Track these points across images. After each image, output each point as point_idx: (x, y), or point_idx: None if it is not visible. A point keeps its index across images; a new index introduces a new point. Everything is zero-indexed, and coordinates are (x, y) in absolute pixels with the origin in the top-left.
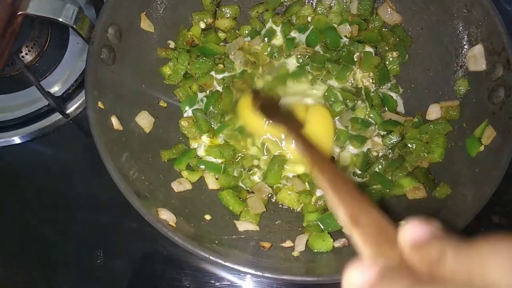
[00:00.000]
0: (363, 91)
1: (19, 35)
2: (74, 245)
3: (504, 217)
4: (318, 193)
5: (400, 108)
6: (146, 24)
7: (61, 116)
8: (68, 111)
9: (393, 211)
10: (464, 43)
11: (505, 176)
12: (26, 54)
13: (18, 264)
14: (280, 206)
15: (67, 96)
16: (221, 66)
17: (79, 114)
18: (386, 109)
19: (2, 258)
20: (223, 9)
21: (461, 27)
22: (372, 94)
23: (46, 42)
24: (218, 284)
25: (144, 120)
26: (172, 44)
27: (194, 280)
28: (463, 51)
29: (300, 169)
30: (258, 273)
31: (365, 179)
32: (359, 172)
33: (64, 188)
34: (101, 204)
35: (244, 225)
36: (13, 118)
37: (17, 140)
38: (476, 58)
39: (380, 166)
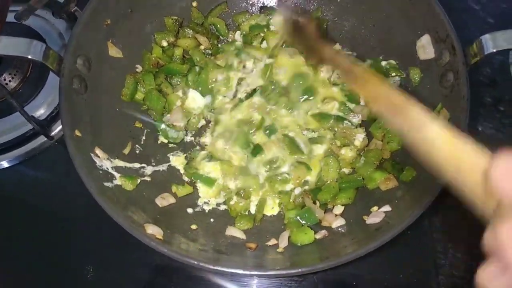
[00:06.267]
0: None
1: None
2: (65, 261)
3: None
4: (297, 191)
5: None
6: (114, 51)
7: (46, 138)
8: (52, 133)
9: (368, 199)
10: (413, 34)
11: None
12: (10, 81)
13: (9, 280)
14: None
15: (51, 119)
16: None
17: (63, 135)
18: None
19: None
20: (186, 30)
21: (408, 21)
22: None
23: (28, 68)
24: None
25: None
26: (139, 68)
27: None
28: (412, 42)
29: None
30: (246, 272)
31: (338, 182)
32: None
33: (53, 207)
34: (90, 220)
35: (232, 231)
36: (0, 143)
37: (5, 164)
38: (424, 47)
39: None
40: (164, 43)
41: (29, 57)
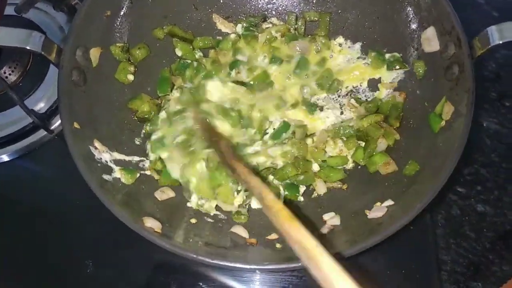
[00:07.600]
0: None
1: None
2: (64, 256)
3: (488, 205)
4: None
5: None
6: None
7: (46, 132)
8: (52, 127)
9: (370, 194)
10: (417, 27)
11: (486, 165)
12: (10, 74)
13: (7, 274)
14: None
15: (51, 113)
16: None
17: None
18: None
19: None
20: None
21: (412, 13)
22: None
23: (28, 62)
24: (205, 286)
25: None
26: None
27: (183, 284)
28: (417, 35)
29: None
30: (245, 266)
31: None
32: None
33: (53, 201)
34: (89, 214)
35: (234, 229)
36: (0, 137)
37: (5, 158)
38: (429, 39)
39: None
40: (130, 77)
41: (28, 47)
